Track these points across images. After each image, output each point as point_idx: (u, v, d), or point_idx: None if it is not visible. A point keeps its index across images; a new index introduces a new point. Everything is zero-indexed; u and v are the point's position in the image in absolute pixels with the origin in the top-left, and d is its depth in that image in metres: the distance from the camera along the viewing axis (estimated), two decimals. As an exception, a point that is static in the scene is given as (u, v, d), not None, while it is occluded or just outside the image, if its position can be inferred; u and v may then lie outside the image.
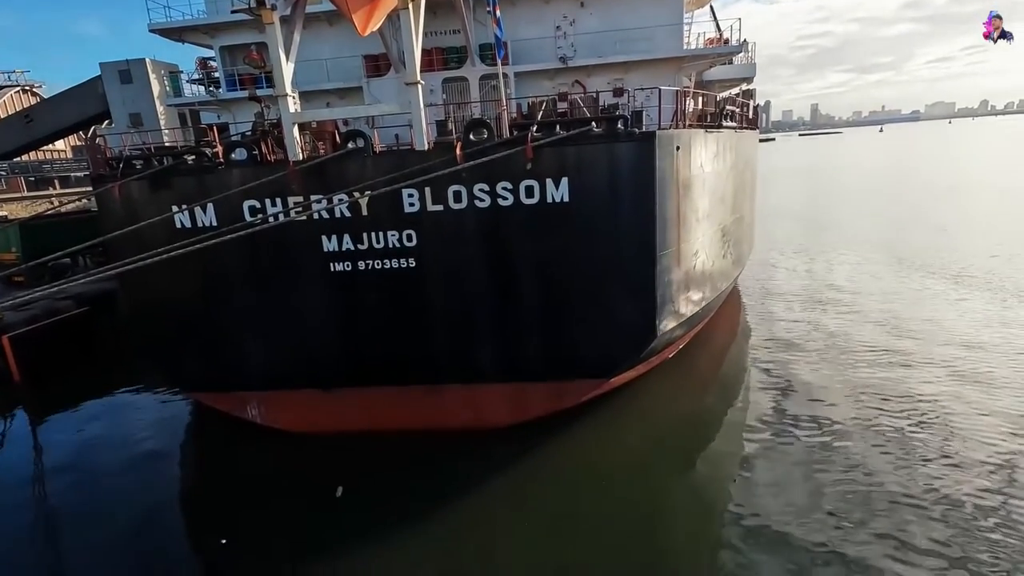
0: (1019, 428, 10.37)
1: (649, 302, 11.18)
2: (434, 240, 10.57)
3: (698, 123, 13.71)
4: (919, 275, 20.76)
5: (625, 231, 10.61)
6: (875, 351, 14.29)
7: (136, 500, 10.41)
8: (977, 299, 17.52)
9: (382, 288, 10.94)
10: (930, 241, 26.05)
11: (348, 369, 11.48)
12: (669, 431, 11.80)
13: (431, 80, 16.43)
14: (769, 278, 22.36)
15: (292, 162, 10.37)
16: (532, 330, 11.20)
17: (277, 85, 10.40)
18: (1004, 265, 20.87)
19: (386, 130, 14.73)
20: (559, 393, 11.67)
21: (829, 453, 10.15)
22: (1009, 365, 12.82)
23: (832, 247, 26.80)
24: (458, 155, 9.78)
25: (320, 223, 10.60)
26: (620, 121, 10.33)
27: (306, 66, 16.60)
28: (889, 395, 11.95)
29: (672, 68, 17.05)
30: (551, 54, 17.02)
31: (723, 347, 15.88)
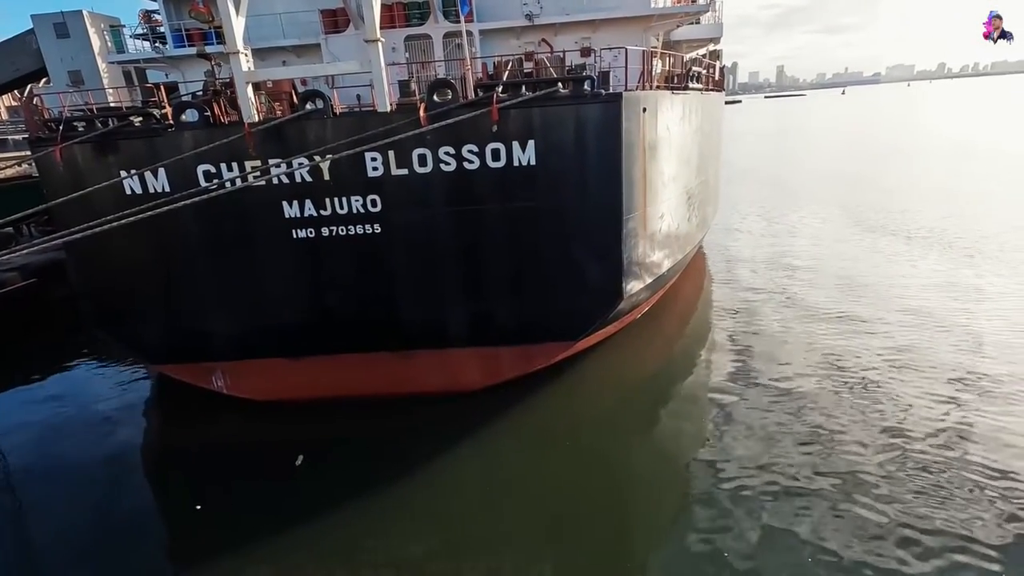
0: (961, 382, 11.01)
1: (616, 265, 11.32)
2: (399, 205, 10.38)
3: (665, 84, 13.66)
4: (876, 236, 21.51)
5: (592, 194, 10.62)
6: (834, 310, 14.87)
7: (93, 476, 10.23)
8: (930, 259, 18.27)
9: (347, 255, 10.74)
10: (886, 203, 26.91)
11: (315, 337, 11.35)
12: (636, 390, 12.16)
13: (393, 37, 15.80)
14: (733, 240, 22.83)
15: (247, 124, 9.92)
16: (501, 294, 11.23)
17: (228, 42, 9.85)
18: (955, 226, 21.77)
19: (347, 90, 14.19)
20: (529, 356, 11.84)
21: (790, 407, 10.62)
22: (959, 324, 13.50)
23: (794, 209, 27.45)
24: (422, 117, 9.52)
25: (280, 188, 10.25)
26: (587, 82, 10.19)
27: (259, 21, 15.74)
28: (846, 352, 12.51)
29: (639, 27, 16.80)
30: (517, 11, 16.53)
31: (688, 308, 16.28)
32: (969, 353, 11.99)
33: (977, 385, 10.76)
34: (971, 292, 15.17)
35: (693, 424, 10.69)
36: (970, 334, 12.84)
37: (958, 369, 11.38)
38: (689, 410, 11.34)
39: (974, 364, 11.52)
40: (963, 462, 8.72)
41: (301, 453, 10.07)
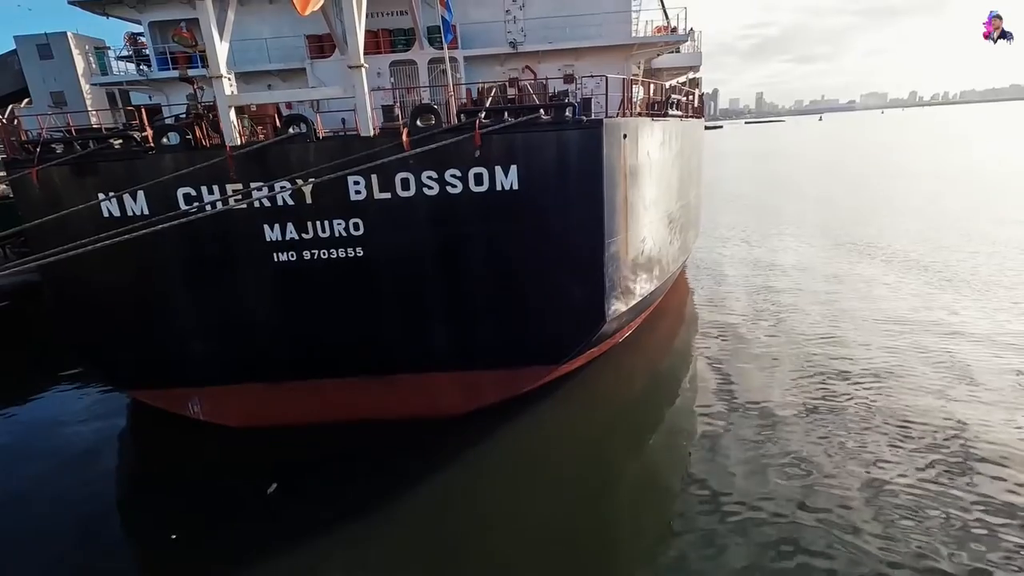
0: (945, 405, 11.16)
1: (598, 288, 11.37)
2: (382, 229, 10.37)
3: (646, 111, 13.94)
4: (854, 258, 21.94)
5: (574, 218, 10.71)
6: (815, 333, 15.02)
7: (65, 499, 9.90)
8: (907, 282, 18.61)
9: (329, 278, 10.67)
10: (863, 225, 27.51)
11: (295, 361, 11.20)
12: (620, 414, 12.11)
13: (378, 63, 16.00)
14: (715, 263, 23.10)
15: (229, 147, 9.91)
16: (484, 318, 11.21)
17: (211, 66, 9.88)
18: (929, 249, 22.30)
19: (332, 115, 14.29)
20: (512, 379, 11.77)
21: (773, 433, 10.61)
22: (940, 345, 13.72)
23: (775, 232, 27.91)
24: (405, 141, 9.59)
25: (262, 211, 10.20)
26: (568, 108, 10.36)
27: (245, 45, 15.88)
28: (828, 376, 12.59)
29: (621, 55, 17.22)
30: (501, 38, 16.86)
31: (671, 331, 16.37)
32: (947, 373, 12.18)
33: (959, 408, 10.88)
34: (948, 316, 15.43)
35: (677, 450, 10.64)
36: (949, 355, 13.06)
37: (938, 391, 11.51)
38: (673, 436, 11.29)
39: (953, 384, 11.68)
40: (949, 494, 8.68)
41: (275, 480, 9.84)
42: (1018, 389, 11.39)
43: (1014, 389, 11.39)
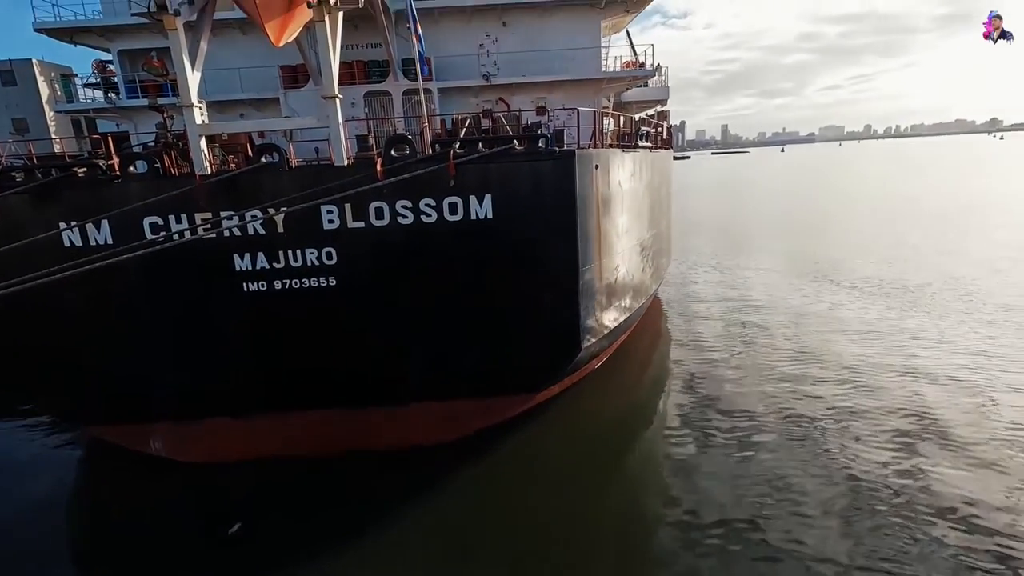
0: (906, 421, 11.47)
1: (573, 316, 11.43)
2: (355, 258, 10.28)
3: (616, 142, 14.30)
4: (820, 284, 22.60)
5: (548, 247, 10.81)
6: (786, 358, 15.29)
7: (14, 552, 9.28)
8: (872, 307, 19.19)
9: (300, 308, 10.47)
10: (826, 251, 28.48)
11: (264, 394, 10.87)
12: (597, 442, 12.03)
13: (353, 93, 16.11)
14: (688, 290, 23.53)
15: (199, 176, 9.76)
16: (459, 347, 11.11)
17: (182, 95, 9.80)
18: (891, 274, 23.13)
19: (306, 144, 14.26)
20: (489, 409, 11.64)
21: (750, 453, 10.74)
22: (902, 369, 14.10)
23: (744, 258, 28.63)
24: (379, 171, 9.61)
25: (231, 241, 10.01)
26: (541, 140, 10.56)
27: (217, 75, 15.82)
28: (800, 400, 12.79)
29: (592, 89, 17.72)
30: (475, 71, 17.20)
31: (646, 358, 16.48)
32: (914, 396, 12.51)
33: (926, 432, 11.14)
34: (911, 339, 15.92)
35: (654, 478, 10.63)
36: (913, 378, 13.44)
37: (905, 414, 11.76)
38: (650, 463, 11.28)
39: (919, 408, 11.97)
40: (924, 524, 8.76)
41: (239, 520, 9.43)
42: (974, 410, 11.76)
43: (973, 414, 11.76)
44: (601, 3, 17.35)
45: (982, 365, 13.87)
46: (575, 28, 17.24)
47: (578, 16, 17.28)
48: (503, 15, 17.20)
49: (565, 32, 17.18)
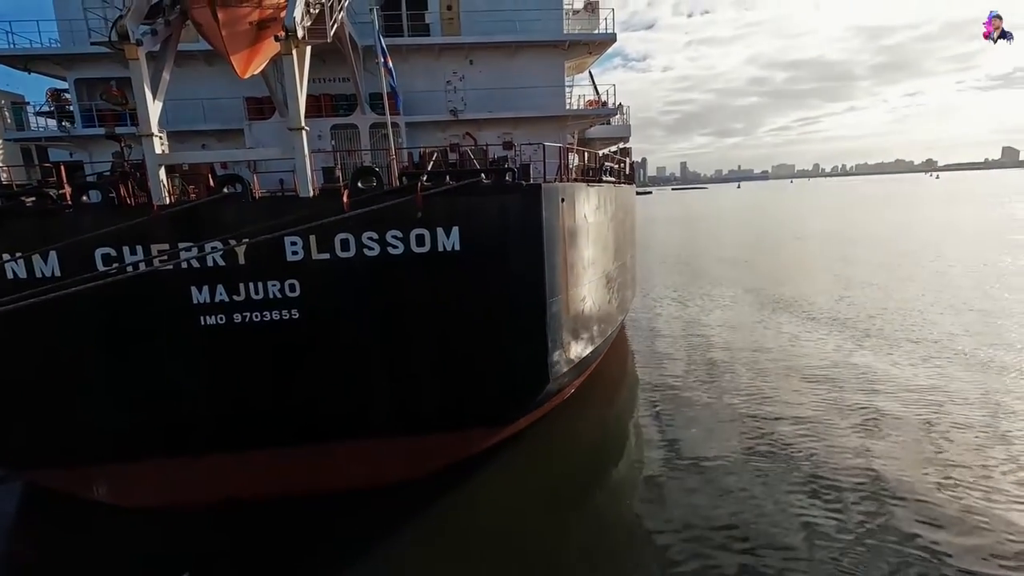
0: (866, 452, 11.74)
1: (541, 348, 11.42)
2: (320, 290, 10.08)
3: (581, 177, 14.64)
4: (778, 315, 23.31)
5: (515, 279, 10.85)
6: (748, 385, 15.59)
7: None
8: (829, 337, 19.79)
9: (261, 342, 10.14)
10: (783, 284, 29.47)
11: (219, 432, 10.36)
12: (567, 474, 11.89)
13: (320, 126, 16.11)
14: (652, 320, 23.91)
15: (156, 206, 9.49)
16: (425, 381, 10.93)
17: (141, 124, 9.58)
18: (845, 306, 24.05)
19: (271, 175, 14.08)
20: (455, 444, 11.38)
21: (717, 483, 10.76)
22: (860, 395, 14.54)
23: (707, 291, 29.34)
24: (345, 202, 9.54)
25: (189, 273, 9.69)
26: (508, 173, 10.73)
27: (180, 105, 15.61)
28: (762, 426, 13.01)
29: (557, 125, 18.22)
30: (442, 106, 17.48)
31: (614, 387, 16.53)
32: (866, 423, 12.86)
33: (879, 457, 11.42)
34: (866, 369, 16.39)
35: (625, 511, 10.52)
36: (867, 405, 13.85)
37: (858, 442, 12.05)
38: (621, 493, 11.21)
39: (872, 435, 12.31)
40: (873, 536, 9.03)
41: (187, 569, 8.85)
42: (924, 437, 12.17)
43: (921, 438, 12.17)
44: (564, 45, 18.03)
45: (937, 386, 14.45)
46: (540, 67, 17.81)
47: (543, 56, 17.89)
48: (470, 54, 17.65)
49: (530, 71, 17.73)
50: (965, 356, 16.86)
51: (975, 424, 12.53)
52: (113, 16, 9.59)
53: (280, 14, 9.63)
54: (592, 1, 20.35)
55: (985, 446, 11.60)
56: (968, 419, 12.80)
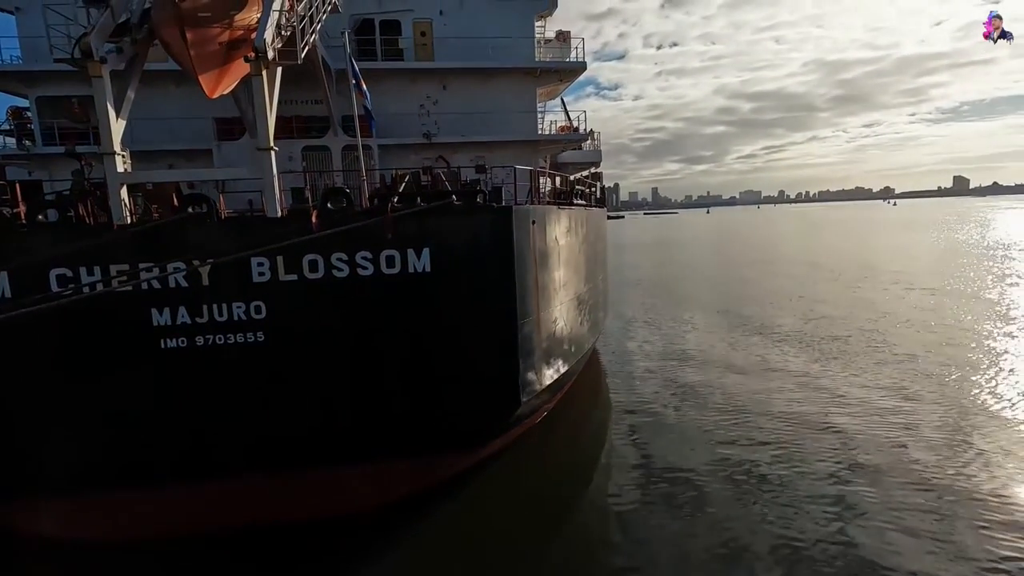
0: (831, 459, 11.96)
1: (512, 370, 11.36)
2: (287, 312, 9.87)
3: (552, 200, 14.83)
4: (748, 336, 23.73)
5: (486, 301, 10.83)
6: (720, 409, 15.62)
7: None
8: (800, 358, 20.20)
9: (224, 366, 9.83)
10: (752, 306, 30.15)
11: (176, 461, 9.95)
12: (539, 498, 11.70)
13: (290, 147, 16.00)
14: (624, 342, 24.06)
15: (117, 225, 9.23)
16: (395, 405, 10.72)
17: (103, 142, 9.38)
18: (811, 328, 24.63)
19: (239, 196, 13.87)
20: (426, 469, 11.14)
21: (691, 506, 10.73)
22: (828, 416, 14.78)
23: (678, 313, 29.77)
24: (314, 223, 9.44)
25: (150, 294, 9.40)
26: (479, 195, 10.80)
27: (147, 124, 15.33)
28: (735, 450, 13.03)
29: (529, 150, 18.50)
30: (416, 129, 17.61)
31: (587, 410, 16.49)
32: (836, 442, 13.10)
33: (849, 474, 11.61)
34: (833, 390, 16.72)
35: (598, 539, 10.39)
36: (836, 431, 14.07)
37: (835, 464, 12.11)
38: (595, 517, 11.07)
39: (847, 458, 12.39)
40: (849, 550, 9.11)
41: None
42: (891, 454, 12.43)
43: (889, 456, 12.43)
44: (536, 72, 18.44)
45: (899, 408, 14.84)
46: (513, 93, 18.15)
47: (515, 82, 18.24)
48: (444, 78, 17.89)
49: (503, 96, 18.04)
50: (927, 376, 17.39)
51: (937, 436, 12.94)
52: (78, 34, 9.44)
53: (251, 35, 9.63)
54: (563, 31, 20.94)
55: (948, 455, 11.96)
56: (931, 431, 13.22)
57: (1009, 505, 10.14)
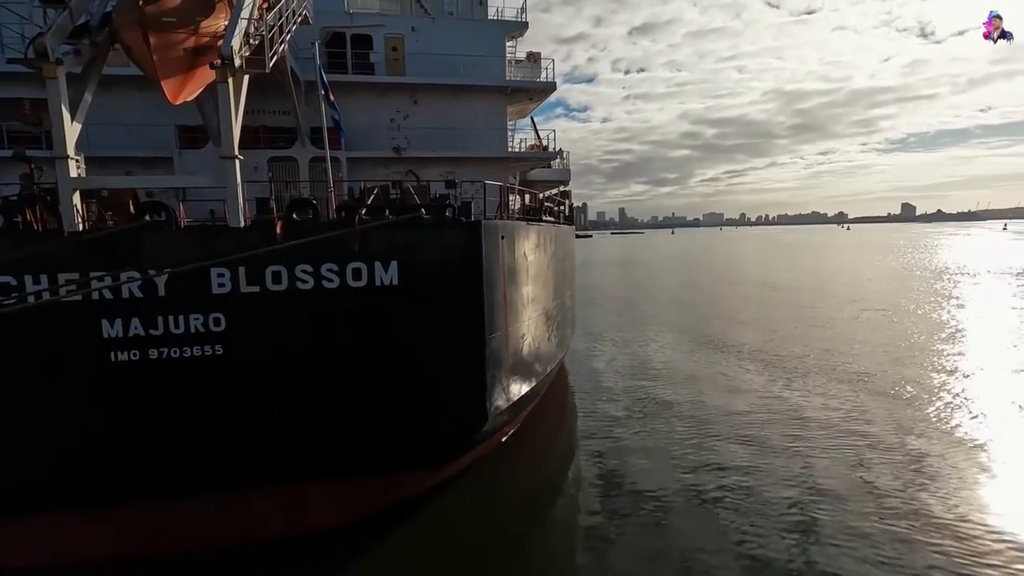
0: (793, 478, 12.21)
1: (479, 386, 11.26)
2: (247, 324, 9.58)
3: (521, 216, 14.93)
4: (713, 355, 24.20)
5: (454, 315, 10.76)
6: (686, 425, 15.83)
7: None
8: (762, 376, 20.63)
9: (180, 380, 9.45)
10: (715, 325, 30.83)
11: (126, 480, 9.44)
12: (506, 517, 11.57)
13: (256, 157, 15.70)
14: (592, 358, 24.22)
15: (67, 232, 8.83)
16: (359, 421, 10.48)
17: (56, 146, 9.01)
18: (773, 347, 25.28)
19: (201, 204, 13.49)
20: (391, 487, 10.88)
21: (657, 525, 10.74)
22: (789, 431, 15.14)
23: (644, 331, 30.17)
24: (278, 233, 9.24)
25: (100, 304, 8.98)
26: (448, 209, 10.78)
27: (105, 129, 14.82)
28: (700, 467, 13.13)
29: (499, 167, 18.61)
30: (385, 143, 17.53)
31: (554, 427, 16.46)
32: (802, 454, 13.43)
33: (812, 489, 11.85)
34: (794, 408, 17.08)
35: (564, 559, 10.31)
36: (799, 433, 14.60)
37: (797, 481, 12.33)
38: (561, 536, 10.98)
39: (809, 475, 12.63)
40: None
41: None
42: (850, 468, 12.79)
43: (848, 469, 12.78)
44: (507, 90, 18.67)
45: (855, 425, 15.30)
46: (483, 110, 18.31)
47: (486, 99, 18.42)
48: (415, 93, 17.93)
49: (474, 113, 18.18)
50: (878, 394, 18.03)
51: (895, 448, 13.43)
52: (32, 34, 9.10)
53: (217, 42, 9.46)
54: (534, 52, 21.34)
55: (905, 468, 12.39)
56: (880, 441, 13.76)
57: (961, 521, 10.49)
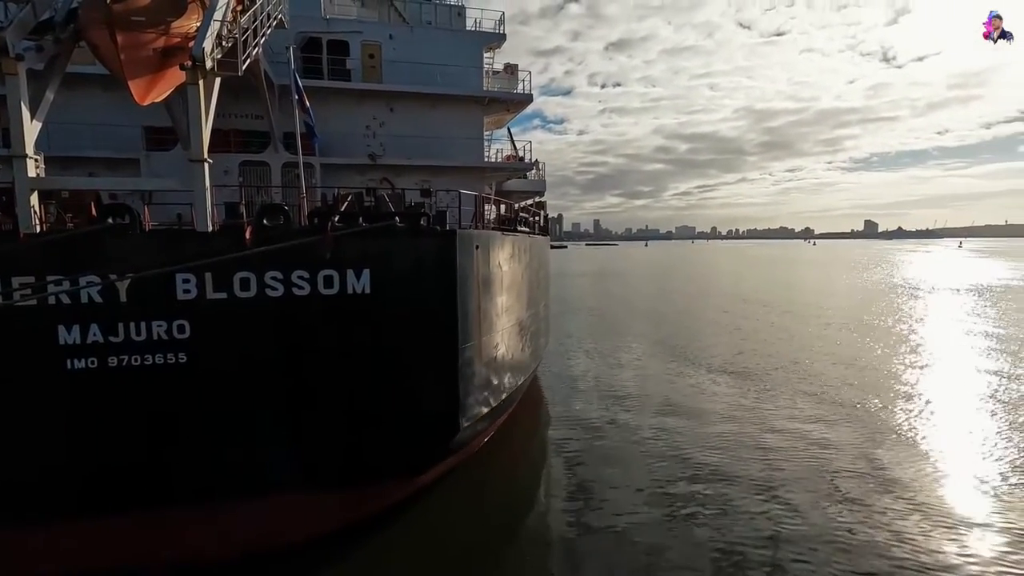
0: (760, 484, 12.42)
1: (452, 395, 11.17)
2: (213, 332, 9.31)
3: (497, 226, 14.96)
4: (685, 367, 24.51)
5: (427, 324, 10.67)
6: (658, 435, 15.97)
7: None
8: (733, 388, 20.89)
9: (141, 389, 9.10)
10: (687, 337, 31.32)
11: (81, 494, 9.04)
12: (480, 529, 11.42)
13: (227, 161, 15.39)
14: (566, 369, 24.30)
15: (23, 234, 8.49)
16: (329, 431, 10.26)
17: (14, 144, 8.70)
18: (746, 360, 25.71)
19: (167, 208, 13.14)
20: (361, 499, 10.66)
21: (631, 534, 10.76)
22: (760, 440, 15.43)
23: (617, 342, 30.42)
24: (248, 238, 9.05)
25: (57, 310, 8.62)
26: (423, 217, 10.72)
27: (68, 128, 14.37)
28: (672, 474, 13.30)
29: (475, 176, 18.64)
30: (361, 149, 17.40)
31: (527, 436, 16.41)
32: (771, 465, 13.63)
33: (783, 499, 12.02)
34: (763, 419, 17.37)
35: (538, 565, 10.25)
36: (768, 443, 14.82)
37: (766, 487, 12.57)
38: (535, 547, 10.88)
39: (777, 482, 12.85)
40: None
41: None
42: (819, 480, 13.05)
43: (817, 482, 13.06)
44: (484, 100, 18.76)
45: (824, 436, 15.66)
46: (460, 119, 18.35)
47: (463, 109, 18.47)
48: (391, 101, 17.87)
49: (450, 122, 18.21)
50: (841, 405, 18.52)
51: (847, 455, 13.71)
52: (-7, 28, 8.80)
53: (188, 43, 9.29)
54: (512, 64, 21.52)
55: (872, 480, 12.65)
56: (843, 450, 14.07)
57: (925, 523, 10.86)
